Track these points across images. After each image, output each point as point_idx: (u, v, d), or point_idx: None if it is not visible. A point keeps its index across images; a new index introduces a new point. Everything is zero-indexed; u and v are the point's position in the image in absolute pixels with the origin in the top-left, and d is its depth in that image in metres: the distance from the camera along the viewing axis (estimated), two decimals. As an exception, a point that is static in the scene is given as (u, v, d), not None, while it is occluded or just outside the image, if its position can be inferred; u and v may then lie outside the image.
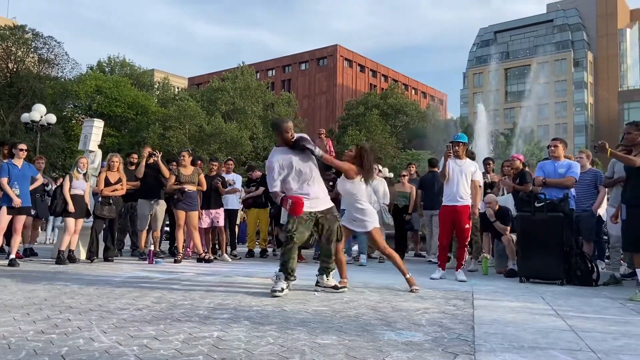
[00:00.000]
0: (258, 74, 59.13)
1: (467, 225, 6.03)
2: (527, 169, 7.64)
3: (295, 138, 4.74)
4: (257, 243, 9.62)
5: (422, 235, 10.49)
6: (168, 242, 9.74)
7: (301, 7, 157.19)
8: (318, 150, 4.79)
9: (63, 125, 37.14)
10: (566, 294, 5.14)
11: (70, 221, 7.30)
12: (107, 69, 50.57)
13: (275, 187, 4.77)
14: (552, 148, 6.46)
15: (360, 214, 5.08)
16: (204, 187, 8.18)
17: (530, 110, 56.03)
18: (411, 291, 4.91)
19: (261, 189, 9.04)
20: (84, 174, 7.66)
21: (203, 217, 8.35)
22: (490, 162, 8.52)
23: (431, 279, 6.08)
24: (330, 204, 4.92)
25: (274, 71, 68.32)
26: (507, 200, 7.46)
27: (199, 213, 8.14)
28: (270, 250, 9.94)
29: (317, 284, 5.02)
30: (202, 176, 8.20)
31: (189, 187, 7.86)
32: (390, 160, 38.76)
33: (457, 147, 6.18)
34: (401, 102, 50.47)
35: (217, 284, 5.28)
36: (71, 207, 7.26)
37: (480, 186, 6.33)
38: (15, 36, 36.56)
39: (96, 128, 8.89)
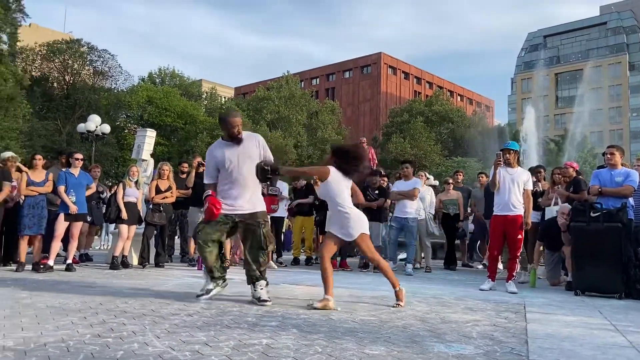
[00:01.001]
0: (302, 83, 59.72)
1: (519, 236, 5.85)
2: (580, 177, 7.36)
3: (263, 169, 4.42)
4: (302, 251, 9.65)
5: (471, 245, 10.26)
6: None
7: (344, 17, 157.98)
8: (271, 163, 4.53)
9: (116, 135, 38.61)
10: (625, 308, 4.90)
11: (124, 228, 7.57)
12: (157, 80, 52.33)
13: (208, 178, 4.66)
14: (609, 156, 6.19)
15: (344, 220, 4.49)
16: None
17: (582, 116, 54.02)
18: (394, 305, 4.46)
19: (311, 197, 9.09)
20: (136, 182, 7.93)
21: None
22: (541, 170, 8.24)
23: (480, 290, 5.93)
24: (259, 209, 4.59)
25: (318, 80, 68.78)
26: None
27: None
28: (314, 257, 9.94)
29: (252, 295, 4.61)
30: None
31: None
32: (436, 168, 38.18)
33: (507, 155, 6.02)
34: (446, 109, 49.72)
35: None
36: (124, 214, 7.53)
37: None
38: (72, 50, 38.42)
39: (149, 137, 9.20)
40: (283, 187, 9.48)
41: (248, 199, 4.55)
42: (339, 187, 4.51)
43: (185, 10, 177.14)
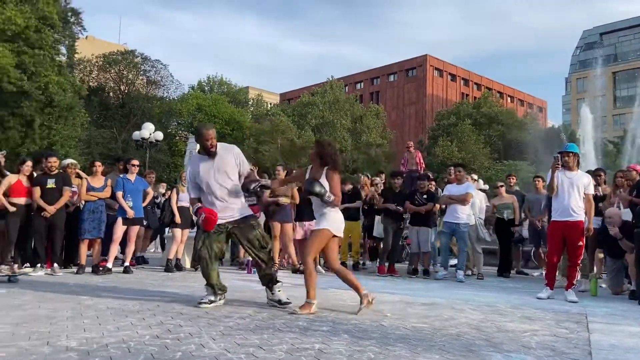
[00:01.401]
0: (347, 87, 59.68)
1: (580, 242, 5.61)
2: (644, 180, 6.97)
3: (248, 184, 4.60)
4: (349, 256, 9.62)
5: (527, 251, 9.93)
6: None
7: (388, 20, 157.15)
8: (264, 183, 4.78)
9: (168, 142, 39.83)
10: (697, 320, 4.60)
11: (177, 231, 7.78)
12: (206, 88, 53.69)
13: (192, 194, 4.78)
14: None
15: (320, 212, 4.48)
16: (297, 200, 8.35)
17: (643, 116, 51.36)
18: (357, 312, 4.25)
19: (359, 202, 9.06)
20: (187, 187, 8.13)
21: (297, 229, 8.51)
22: (602, 174, 7.88)
23: (538, 298, 5.71)
24: (246, 213, 4.67)
25: (362, 84, 68.61)
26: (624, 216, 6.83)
27: (293, 225, 8.32)
28: (361, 262, 9.89)
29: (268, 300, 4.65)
30: (295, 189, 8.38)
31: (284, 200, 8.07)
32: (485, 171, 37.24)
33: (566, 158, 5.79)
34: (496, 111, 48.43)
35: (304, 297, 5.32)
36: (178, 219, 7.74)
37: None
38: (127, 60, 39.99)
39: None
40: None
41: (234, 207, 4.62)
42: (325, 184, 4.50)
43: (232, 19, 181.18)
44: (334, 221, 4.46)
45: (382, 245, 8.56)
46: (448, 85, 65.40)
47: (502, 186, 9.06)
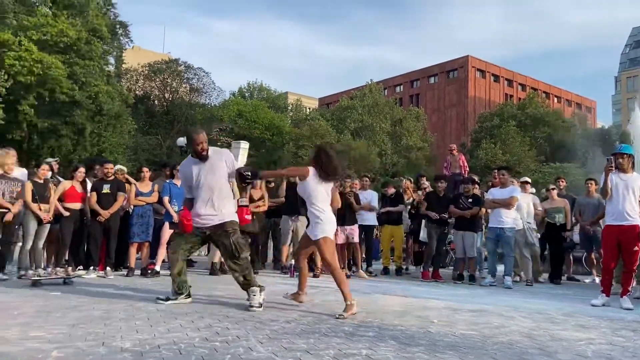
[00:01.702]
0: (386, 91, 59.31)
1: (635, 248, 5.36)
2: None
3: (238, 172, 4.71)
4: (391, 260, 9.53)
5: (578, 257, 9.56)
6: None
7: (428, 21, 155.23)
8: (247, 170, 4.76)
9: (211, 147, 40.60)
10: None
11: (221, 236, 7.89)
12: (246, 94, 54.49)
13: (188, 194, 4.88)
14: None
15: (314, 220, 4.59)
16: (339, 204, 8.32)
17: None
18: (337, 316, 4.17)
19: (401, 206, 8.98)
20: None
21: (338, 234, 8.49)
22: None
23: (592, 305, 5.49)
24: (227, 219, 4.70)
25: (401, 87, 68.05)
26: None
27: (335, 229, 8.29)
28: (404, 267, 9.78)
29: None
30: (336, 193, 8.36)
31: (326, 204, 8.07)
32: (531, 174, 36.20)
33: (620, 160, 5.56)
34: (542, 112, 46.99)
35: (357, 301, 5.29)
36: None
37: None
38: (171, 69, 41.10)
39: (243, 149, 9.54)
40: (372, 196, 9.43)
41: (215, 211, 4.68)
42: (316, 187, 4.60)
43: (271, 26, 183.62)
44: (330, 227, 4.64)
45: (426, 250, 8.45)
46: (491, 86, 64.01)
47: (553, 189, 8.75)
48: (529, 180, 9.15)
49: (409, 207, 9.28)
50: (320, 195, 4.62)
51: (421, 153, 43.11)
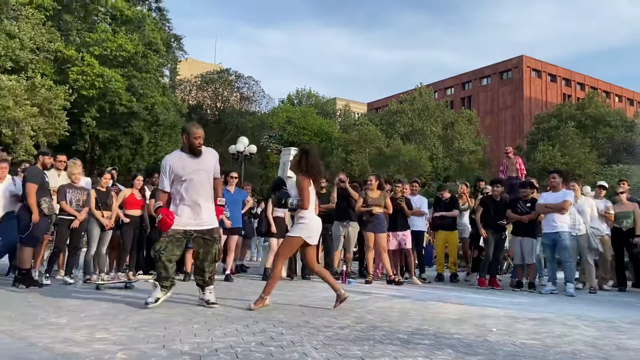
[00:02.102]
0: (436, 94, 58.41)
1: None
2: None
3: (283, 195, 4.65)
4: (446, 267, 9.34)
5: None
6: (358, 263, 10.02)
7: (479, 22, 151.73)
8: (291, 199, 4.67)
9: (260, 154, 41.32)
10: None
11: (274, 241, 8.01)
12: (295, 101, 55.12)
13: (164, 187, 4.62)
14: None
15: (296, 220, 4.76)
16: (390, 210, 8.28)
17: None
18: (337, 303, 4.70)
19: (455, 211, 8.80)
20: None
21: (390, 239, 8.43)
22: None
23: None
24: (215, 225, 4.66)
25: (452, 89, 66.84)
26: None
27: (387, 235, 8.24)
28: (465, 274, 9.54)
29: (200, 298, 4.80)
30: (388, 199, 8.32)
31: (377, 210, 8.03)
32: (592, 177, 34.57)
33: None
34: (602, 112, 44.87)
35: (411, 308, 5.23)
36: (274, 228, 7.97)
37: None
38: (222, 79, 42.20)
39: (293, 156, 9.68)
40: (422, 201, 9.29)
41: (206, 214, 4.58)
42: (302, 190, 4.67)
43: (319, 33, 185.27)
44: (308, 230, 4.69)
45: (482, 256, 8.23)
46: (547, 86, 61.79)
47: (622, 192, 8.31)
48: (605, 184, 8.75)
49: (469, 212, 9.07)
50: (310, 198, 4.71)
51: (474, 156, 42.12)
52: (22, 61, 19.40)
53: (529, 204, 7.70)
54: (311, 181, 4.72)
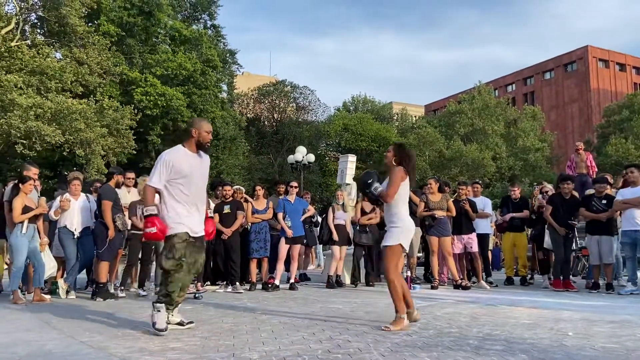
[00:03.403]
0: (496, 91, 56.62)
1: None
2: None
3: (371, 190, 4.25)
4: (515, 270, 8.97)
5: None
6: (422, 267, 9.85)
7: (537, 14, 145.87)
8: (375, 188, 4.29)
9: (318, 163, 41.60)
10: None
11: (336, 249, 8.02)
12: (351, 108, 55.15)
13: (154, 182, 4.03)
14: None
15: (387, 224, 4.41)
16: (454, 213, 8.07)
17: None
18: (383, 327, 3.99)
19: (525, 211, 8.46)
20: (342, 205, 8.36)
21: (455, 243, 8.21)
22: None
23: None
24: (203, 232, 4.21)
25: (513, 86, 64.58)
26: None
27: (452, 238, 8.04)
28: (528, 276, 9.14)
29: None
30: (450, 202, 8.12)
31: (439, 213, 7.86)
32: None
33: None
34: (679, 99, 41.89)
35: (481, 313, 5.06)
36: (335, 236, 7.98)
37: None
38: (278, 90, 42.93)
39: (350, 162, 9.69)
40: (485, 202, 8.99)
41: (201, 219, 4.22)
42: (406, 189, 4.36)
43: (371, 38, 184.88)
44: (404, 235, 4.31)
45: (553, 257, 7.85)
46: (616, 76, 58.41)
47: None
48: None
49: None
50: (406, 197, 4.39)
51: (540, 154, 40.39)
52: (91, 85, 20.62)
53: (604, 201, 7.27)
54: (407, 176, 4.28)
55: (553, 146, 43.70)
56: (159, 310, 3.96)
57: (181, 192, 4.07)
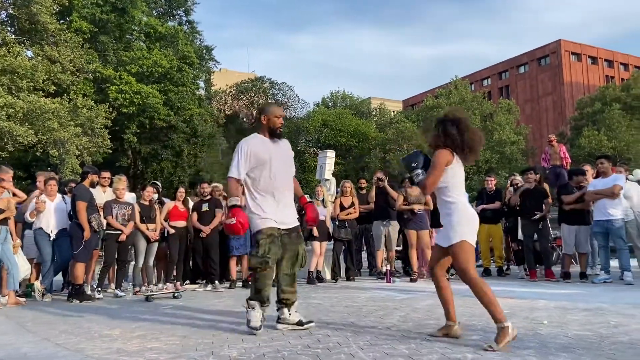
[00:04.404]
0: (472, 86, 57.30)
1: None
2: None
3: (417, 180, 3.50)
4: (492, 261, 9.11)
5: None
6: (401, 261, 9.93)
7: (510, 9, 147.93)
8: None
9: (298, 159, 41.58)
10: None
11: (316, 244, 8.03)
12: (330, 104, 55.18)
13: (235, 173, 3.80)
14: None
15: (448, 219, 3.48)
16: (431, 206, 8.17)
17: None
18: (486, 348, 3.09)
19: (497, 203, 8.58)
20: (322, 201, 8.37)
21: (434, 236, 8.31)
22: None
23: None
24: (297, 222, 3.97)
25: (489, 80, 65.38)
26: None
27: (430, 232, 8.14)
28: (504, 268, 9.29)
29: (278, 320, 3.95)
30: (429, 195, 8.21)
31: (418, 207, 7.94)
32: (642, 159, 33.08)
33: None
34: (649, 91, 42.92)
35: (459, 304, 5.12)
36: (315, 232, 7.99)
37: None
38: (256, 87, 42.77)
39: (329, 158, 9.71)
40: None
41: (291, 208, 3.96)
42: (460, 172, 3.53)
43: (349, 34, 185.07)
44: (469, 229, 3.40)
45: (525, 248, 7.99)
46: (588, 69, 59.60)
47: None
48: None
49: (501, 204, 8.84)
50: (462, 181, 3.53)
51: (516, 147, 41.03)
52: (64, 84, 20.21)
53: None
54: (453, 157, 3.43)
55: (528, 139, 44.41)
56: (253, 308, 3.77)
57: (264, 182, 3.83)
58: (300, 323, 3.85)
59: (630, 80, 45.68)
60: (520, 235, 8.09)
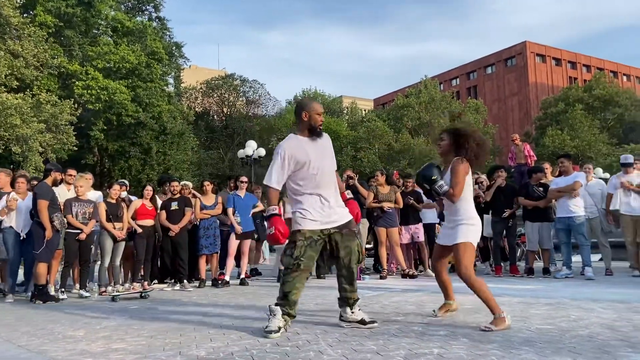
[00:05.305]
0: (442, 85, 58.14)
1: None
2: None
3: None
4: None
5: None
6: (372, 259, 10.01)
7: (478, 10, 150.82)
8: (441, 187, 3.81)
9: (269, 158, 41.37)
10: None
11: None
12: (301, 102, 55.15)
13: (274, 183, 3.65)
14: None
15: (455, 220, 3.89)
16: (401, 204, 8.28)
17: None
18: (483, 328, 3.51)
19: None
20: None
21: (403, 233, 8.42)
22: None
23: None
24: (349, 217, 3.81)
25: (457, 80, 66.47)
26: None
27: (399, 229, 8.24)
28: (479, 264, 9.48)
29: (341, 318, 3.88)
30: (398, 194, 8.31)
31: (387, 205, 8.03)
32: (603, 159, 34.20)
33: None
34: (610, 92, 44.38)
35: (427, 300, 5.22)
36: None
37: None
38: (227, 84, 42.33)
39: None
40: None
41: (338, 205, 3.81)
42: (470, 181, 3.90)
43: (320, 32, 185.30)
44: (477, 233, 3.84)
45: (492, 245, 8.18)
46: (553, 70, 61.22)
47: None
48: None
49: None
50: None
51: (483, 146, 41.82)
52: (27, 79, 19.62)
53: (541, 188, 7.64)
54: (470, 167, 3.85)
55: (495, 138, 45.32)
56: (274, 315, 3.59)
57: (307, 183, 3.69)
58: (363, 321, 3.73)
59: (592, 82, 47.18)
60: (485, 232, 8.26)
